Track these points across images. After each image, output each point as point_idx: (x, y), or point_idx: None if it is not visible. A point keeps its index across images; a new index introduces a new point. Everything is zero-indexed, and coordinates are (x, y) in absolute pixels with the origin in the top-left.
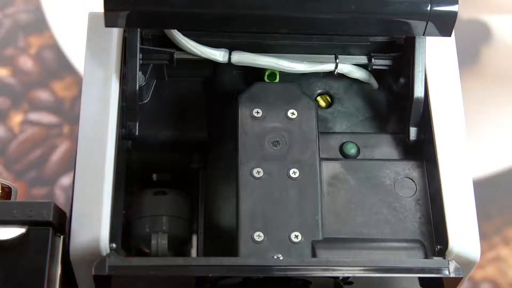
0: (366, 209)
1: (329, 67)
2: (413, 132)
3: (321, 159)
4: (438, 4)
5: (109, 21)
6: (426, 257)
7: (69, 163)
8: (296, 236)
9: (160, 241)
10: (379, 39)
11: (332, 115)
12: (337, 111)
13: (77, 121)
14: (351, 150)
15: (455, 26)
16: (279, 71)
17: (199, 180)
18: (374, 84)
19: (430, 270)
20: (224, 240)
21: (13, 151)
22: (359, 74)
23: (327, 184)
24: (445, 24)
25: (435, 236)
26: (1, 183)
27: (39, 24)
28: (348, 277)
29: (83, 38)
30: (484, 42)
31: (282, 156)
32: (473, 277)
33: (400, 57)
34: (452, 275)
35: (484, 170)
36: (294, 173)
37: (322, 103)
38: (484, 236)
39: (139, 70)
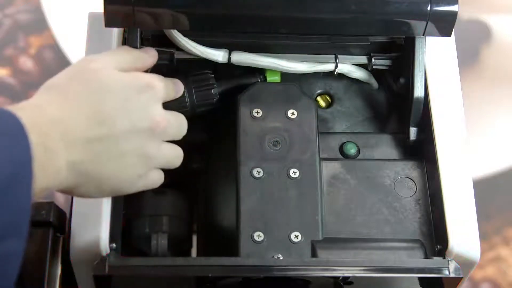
0: (366, 209)
1: (329, 67)
2: (413, 132)
3: (321, 159)
4: (438, 4)
5: (109, 21)
6: (426, 257)
7: None
8: (296, 236)
9: (160, 241)
10: (379, 39)
11: (332, 115)
12: (337, 111)
13: None
14: (351, 150)
15: (455, 26)
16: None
17: (199, 180)
18: (374, 84)
19: (430, 270)
20: (224, 240)
21: None
22: (359, 74)
23: (327, 184)
24: (445, 24)
25: (435, 236)
26: None
27: (39, 24)
28: (348, 277)
29: (83, 38)
30: (484, 42)
31: (282, 156)
32: (473, 277)
33: (400, 57)
34: (452, 275)
35: (484, 170)
36: (294, 173)
37: (322, 103)
38: (484, 236)
39: None
